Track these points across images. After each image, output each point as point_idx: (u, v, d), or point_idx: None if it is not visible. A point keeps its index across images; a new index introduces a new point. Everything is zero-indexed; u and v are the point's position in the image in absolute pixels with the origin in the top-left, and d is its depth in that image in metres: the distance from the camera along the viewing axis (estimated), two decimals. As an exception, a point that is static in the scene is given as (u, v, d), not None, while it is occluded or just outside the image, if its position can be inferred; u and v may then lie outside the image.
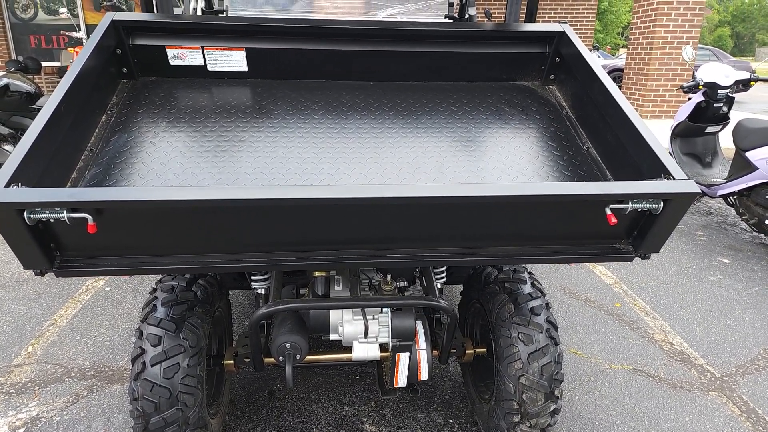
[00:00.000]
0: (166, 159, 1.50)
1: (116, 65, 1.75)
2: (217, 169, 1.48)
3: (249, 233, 1.30)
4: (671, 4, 8.07)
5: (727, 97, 4.08)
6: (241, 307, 2.95)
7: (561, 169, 1.59)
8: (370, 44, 1.86)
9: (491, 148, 1.64)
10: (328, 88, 1.88)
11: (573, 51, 1.78)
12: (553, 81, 1.94)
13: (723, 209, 4.90)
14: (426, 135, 1.68)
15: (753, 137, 3.69)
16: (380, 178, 1.51)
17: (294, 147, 1.59)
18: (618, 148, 1.54)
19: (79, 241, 1.24)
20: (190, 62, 1.83)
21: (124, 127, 1.59)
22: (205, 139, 1.58)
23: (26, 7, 10.22)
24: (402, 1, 3.38)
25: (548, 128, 1.74)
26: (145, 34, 1.76)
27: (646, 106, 8.57)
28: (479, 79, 1.97)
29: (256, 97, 1.79)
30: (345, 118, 1.73)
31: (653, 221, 1.31)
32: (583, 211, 1.32)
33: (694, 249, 3.92)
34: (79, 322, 2.78)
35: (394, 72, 1.92)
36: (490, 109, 1.81)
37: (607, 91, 1.58)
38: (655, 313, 2.97)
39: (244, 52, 1.83)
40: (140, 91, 1.76)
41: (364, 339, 1.69)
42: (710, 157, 4.38)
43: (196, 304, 1.72)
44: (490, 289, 1.87)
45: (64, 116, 1.38)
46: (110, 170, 1.44)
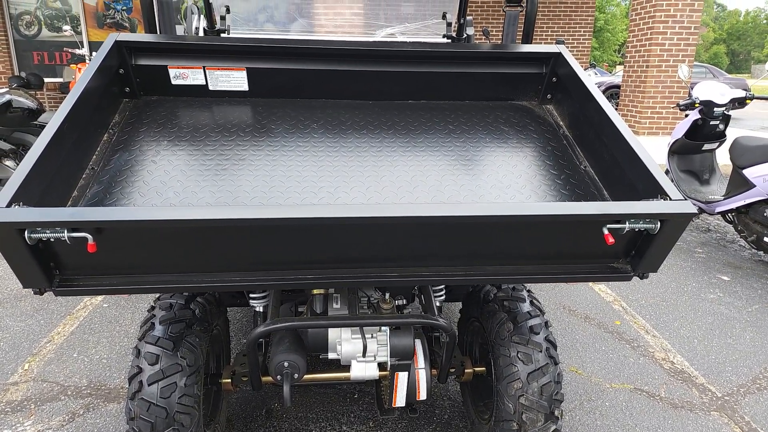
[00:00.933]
0: (166, 177, 1.51)
1: (119, 85, 1.77)
2: (217, 188, 1.49)
3: (248, 252, 1.31)
4: (666, 23, 8.18)
5: (724, 114, 4.12)
6: (239, 324, 2.94)
7: (558, 188, 1.60)
8: (369, 65, 1.88)
9: (489, 167, 1.65)
10: (328, 107, 1.89)
11: (569, 71, 1.81)
12: (550, 101, 1.96)
13: (722, 226, 4.91)
14: (424, 154, 1.69)
15: (750, 155, 3.72)
16: (379, 196, 1.52)
17: (294, 165, 1.60)
18: (615, 167, 1.55)
19: (79, 260, 1.25)
20: (191, 81, 1.85)
21: (126, 145, 1.61)
22: (205, 158, 1.59)
23: (30, 24, 10.34)
24: (401, 21, 3.43)
25: (545, 147, 1.76)
26: (147, 54, 1.78)
27: (643, 123, 8.63)
28: (477, 99, 1.99)
29: (257, 115, 1.81)
30: (344, 137, 1.74)
31: (651, 241, 1.32)
32: (581, 230, 1.33)
33: (694, 266, 3.92)
34: (77, 339, 2.77)
35: (393, 91, 1.94)
36: (487, 128, 1.83)
37: (603, 111, 1.60)
38: (655, 331, 2.96)
39: (245, 72, 1.85)
40: (142, 110, 1.78)
41: (362, 358, 1.69)
42: (708, 174, 4.40)
43: (195, 322, 1.72)
44: (489, 308, 1.87)
45: (66, 135, 1.40)
46: (111, 189, 1.45)
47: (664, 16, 8.16)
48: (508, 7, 2.12)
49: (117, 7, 10.39)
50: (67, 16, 10.32)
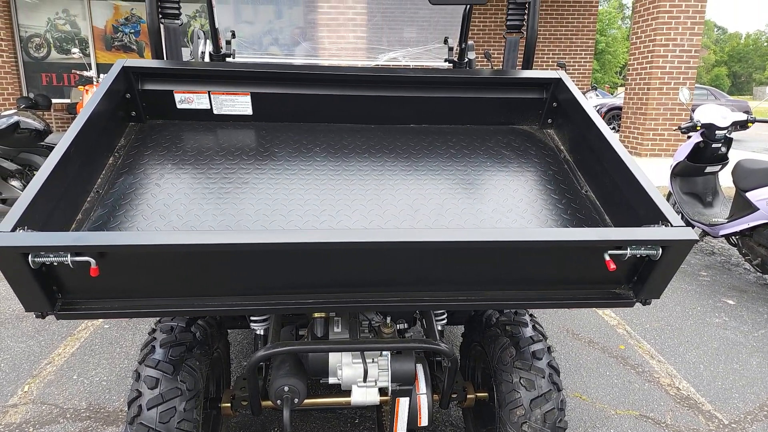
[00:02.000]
0: (170, 201, 1.52)
1: (125, 109, 1.80)
2: (220, 211, 1.50)
3: (249, 276, 1.31)
4: (667, 46, 8.27)
5: (725, 137, 4.13)
6: (239, 346, 2.93)
7: (560, 213, 1.60)
8: (371, 89, 1.91)
9: (490, 191, 1.66)
10: (331, 130, 1.91)
11: (569, 97, 1.82)
12: (550, 125, 1.97)
13: (726, 249, 4.89)
14: (426, 177, 1.70)
15: (753, 177, 3.72)
16: (381, 220, 1.53)
17: (296, 189, 1.61)
18: (616, 193, 1.56)
19: (82, 283, 1.25)
20: (196, 106, 1.87)
21: (131, 169, 1.62)
22: (209, 181, 1.60)
23: (39, 47, 10.53)
24: (403, 46, 3.48)
25: (546, 172, 1.76)
26: (154, 79, 1.81)
27: (646, 145, 8.66)
28: (478, 123, 2.00)
29: (260, 139, 1.83)
30: (347, 161, 1.76)
31: (653, 267, 1.31)
32: (583, 256, 1.33)
33: (698, 290, 3.89)
34: (77, 360, 2.76)
35: (395, 116, 1.96)
36: (489, 153, 1.84)
37: (603, 136, 1.61)
38: (660, 356, 2.92)
39: (250, 97, 1.87)
40: (147, 134, 1.80)
41: (363, 383, 1.67)
42: (711, 196, 4.39)
43: (195, 345, 1.71)
44: (491, 332, 1.86)
45: (73, 159, 1.41)
46: (115, 212, 1.46)
47: (664, 40, 8.26)
48: (509, 34, 2.16)
49: (125, 31, 10.58)
50: (76, 38, 10.51)
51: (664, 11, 8.17)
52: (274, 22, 3.70)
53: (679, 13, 8.17)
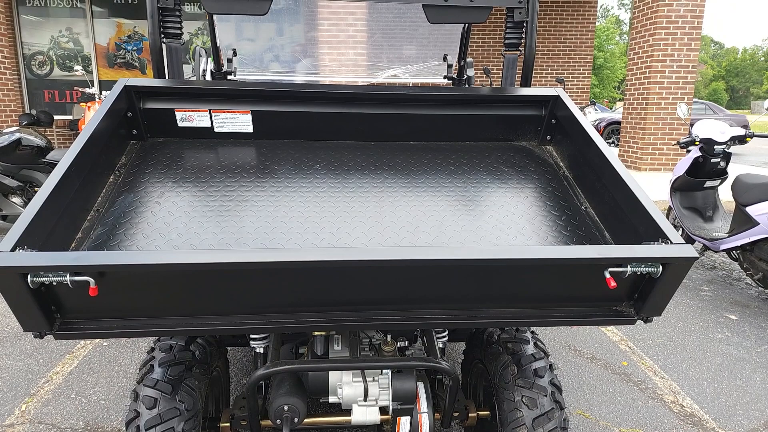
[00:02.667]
0: (170, 219, 1.52)
1: (126, 127, 1.81)
2: (220, 229, 1.50)
3: (249, 295, 1.30)
4: (664, 62, 8.34)
5: (724, 152, 4.14)
6: (239, 364, 2.90)
7: (560, 229, 1.60)
8: (371, 107, 1.92)
9: (490, 208, 1.66)
10: (331, 148, 1.92)
11: (567, 114, 1.83)
12: (549, 141, 1.98)
13: (727, 263, 4.88)
14: (426, 194, 1.70)
15: (752, 192, 3.72)
16: (380, 237, 1.53)
17: (296, 206, 1.62)
18: (615, 209, 1.56)
19: (80, 303, 1.24)
20: (197, 124, 1.88)
21: (131, 187, 1.63)
22: (209, 199, 1.61)
23: (43, 64, 10.63)
24: (403, 63, 3.51)
25: (546, 188, 1.77)
26: (155, 98, 1.83)
27: (645, 159, 8.69)
28: (477, 140, 2.01)
29: (261, 157, 1.84)
30: (346, 178, 1.76)
31: (653, 285, 1.31)
32: (583, 274, 1.33)
33: (700, 305, 3.87)
34: (75, 379, 2.74)
35: (395, 133, 1.97)
36: (488, 169, 1.85)
37: (602, 153, 1.61)
38: (663, 372, 2.90)
39: (250, 115, 1.89)
40: (148, 152, 1.81)
41: (363, 402, 1.66)
42: (711, 211, 4.40)
43: (194, 364, 1.70)
44: (493, 350, 1.85)
45: (73, 178, 1.42)
46: (115, 230, 1.46)
47: (662, 56, 8.33)
48: (507, 52, 2.18)
49: (128, 48, 10.70)
50: (78, 56, 10.61)
51: (661, 27, 8.25)
52: (275, 39, 3.73)
53: (675, 29, 8.26)
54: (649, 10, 8.45)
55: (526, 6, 2.05)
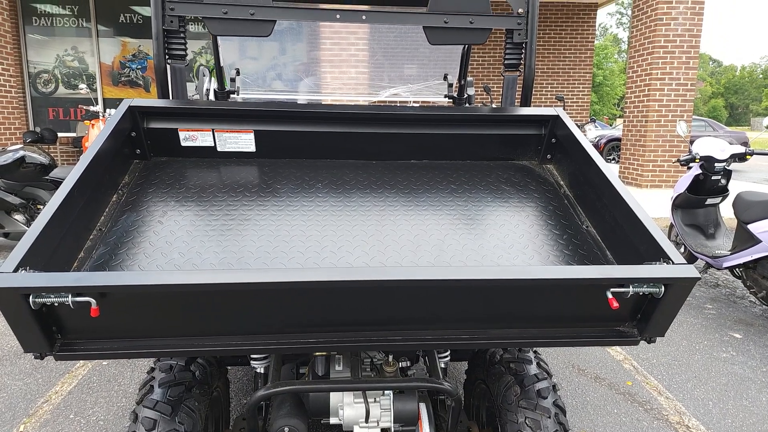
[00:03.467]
0: (172, 238, 1.52)
1: (130, 147, 1.82)
2: (222, 248, 1.50)
3: (250, 315, 1.30)
4: (663, 80, 8.41)
5: (725, 170, 4.15)
6: (239, 383, 2.88)
7: (561, 249, 1.60)
8: (372, 126, 1.94)
9: (491, 227, 1.66)
10: (333, 166, 1.93)
11: (567, 133, 1.85)
12: (550, 160, 1.99)
13: (730, 281, 4.85)
14: (427, 213, 1.71)
15: (754, 210, 3.72)
16: (382, 256, 1.53)
17: (298, 225, 1.62)
18: (617, 229, 1.56)
19: (81, 324, 1.24)
20: (200, 143, 1.90)
21: (134, 206, 1.63)
22: (211, 218, 1.61)
23: (47, 82, 10.76)
24: (404, 82, 3.55)
25: (547, 207, 1.77)
26: (159, 118, 1.84)
27: (646, 176, 8.71)
28: (478, 158, 2.02)
29: (263, 176, 1.85)
30: (348, 196, 1.77)
31: (656, 305, 1.30)
32: (585, 294, 1.32)
33: (704, 323, 3.84)
34: (74, 398, 2.71)
35: (396, 152, 1.98)
36: (489, 188, 1.85)
37: (602, 173, 1.62)
38: (668, 392, 2.87)
39: (253, 134, 1.90)
40: (151, 171, 1.82)
41: (365, 423, 1.64)
42: (713, 228, 4.39)
43: (194, 384, 1.69)
44: (495, 370, 1.83)
45: (77, 198, 1.42)
46: (117, 250, 1.46)
47: (660, 74, 8.41)
48: (507, 72, 2.20)
49: (132, 67, 10.82)
50: (83, 74, 10.74)
51: (659, 46, 8.34)
52: (277, 57, 3.78)
53: (674, 48, 8.34)
54: (647, 29, 8.55)
55: (525, 27, 2.07)
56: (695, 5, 8.26)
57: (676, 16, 8.25)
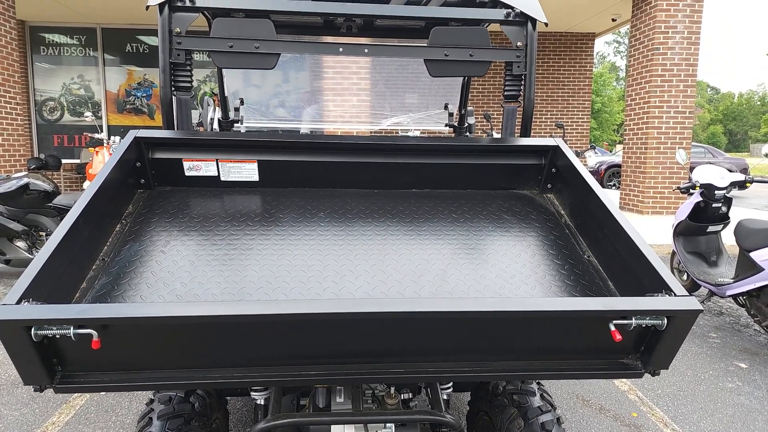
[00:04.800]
0: (174, 268, 1.53)
1: (134, 177, 1.84)
2: (224, 278, 1.50)
3: (251, 347, 1.30)
4: (661, 108, 8.51)
5: (725, 197, 4.17)
6: (239, 414, 2.84)
7: (563, 279, 1.60)
8: (375, 156, 1.96)
9: (493, 257, 1.66)
10: (335, 196, 1.95)
11: (567, 163, 1.87)
12: (550, 190, 2.01)
13: (734, 309, 4.81)
14: (428, 242, 1.71)
15: (755, 237, 3.72)
16: (384, 286, 1.52)
17: (300, 254, 1.62)
18: (618, 259, 1.56)
19: (82, 356, 1.24)
20: (204, 173, 1.92)
21: (137, 236, 1.64)
22: (213, 248, 1.62)
23: (53, 110, 10.91)
24: (405, 111, 3.60)
25: (548, 236, 1.78)
26: (164, 148, 1.87)
27: (647, 203, 8.73)
28: (479, 188, 2.04)
29: (266, 205, 1.86)
30: (350, 225, 1.78)
31: (659, 337, 1.30)
32: (588, 326, 1.32)
33: (709, 352, 3.80)
34: (72, 430, 2.67)
35: (398, 181, 2.00)
36: (490, 217, 1.86)
37: (602, 203, 1.63)
38: (674, 423, 2.82)
39: (257, 164, 1.92)
40: (155, 201, 1.84)
41: (366, 457, 1.61)
42: (715, 255, 4.38)
43: (194, 416, 1.67)
44: (498, 402, 1.81)
45: (82, 229, 1.43)
46: (119, 280, 1.46)
47: (658, 102, 8.51)
48: (507, 103, 2.23)
49: (137, 95, 10.99)
50: (89, 102, 10.90)
51: (657, 75, 8.46)
52: (281, 86, 3.84)
53: (671, 76, 8.46)
54: (644, 58, 8.69)
55: (524, 60, 2.11)
56: (691, 35, 8.42)
57: (673, 45, 8.40)
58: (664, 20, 8.34)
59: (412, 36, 2.74)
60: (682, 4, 8.32)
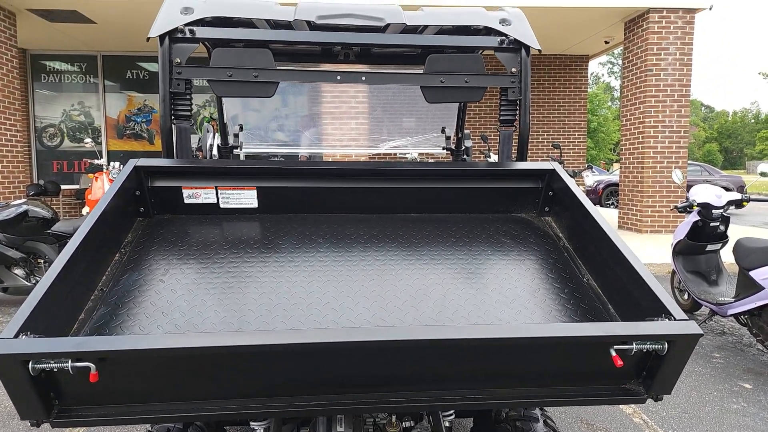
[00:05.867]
0: (173, 297, 1.52)
1: (134, 205, 1.85)
2: (223, 307, 1.50)
3: (250, 377, 1.28)
4: (656, 128, 8.59)
5: (722, 216, 4.18)
6: (238, 442, 2.79)
7: (563, 303, 1.59)
8: (373, 181, 1.97)
9: (493, 281, 1.66)
10: (334, 221, 1.95)
11: (563, 186, 1.88)
12: (548, 213, 2.02)
13: (737, 328, 4.79)
14: (428, 267, 1.71)
15: (754, 256, 3.72)
16: (384, 312, 1.52)
17: (299, 281, 1.62)
18: (617, 282, 1.56)
19: (80, 390, 1.23)
20: (203, 200, 1.93)
21: (135, 265, 1.64)
22: (212, 276, 1.62)
23: (53, 136, 10.98)
24: (403, 135, 3.63)
25: (547, 260, 1.78)
26: (163, 176, 1.88)
27: (645, 222, 8.75)
28: (477, 211, 2.05)
29: (265, 231, 1.86)
30: (349, 251, 1.78)
31: (660, 362, 1.29)
32: (589, 351, 1.31)
33: (713, 373, 3.77)
34: (67, 461, 2.62)
35: (396, 205, 2.01)
36: (489, 241, 1.87)
37: (600, 227, 1.64)
38: (679, 447, 2.78)
39: (255, 191, 1.93)
40: (154, 229, 1.84)
41: (368, 487, 1.59)
42: (715, 274, 4.37)
43: (192, 448, 1.64)
44: (502, 428, 1.79)
45: (81, 260, 1.43)
46: (117, 310, 1.46)
47: (653, 122, 8.60)
48: (503, 127, 2.26)
49: (137, 120, 11.09)
50: (89, 128, 10.98)
51: (651, 96, 8.57)
52: (279, 110, 3.89)
53: (665, 97, 8.57)
54: (638, 79, 8.81)
55: (519, 86, 2.15)
56: (683, 57, 8.55)
57: (665, 66, 8.52)
58: (656, 42, 8.48)
59: (409, 62, 2.78)
60: (674, 27, 8.47)
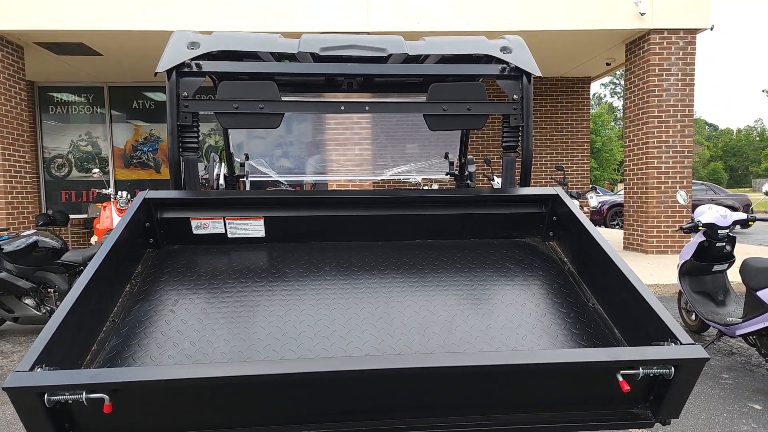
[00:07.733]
0: (183, 327, 1.55)
1: (144, 237, 1.89)
2: (232, 336, 1.52)
3: (260, 405, 1.30)
4: (660, 148, 8.63)
5: (728, 236, 4.17)
6: (246, 472, 2.77)
7: (569, 327, 1.60)
8: (378, 209, 2.01)
9: (498, 306, 1.68)
10: (340, 249, 1.98)
11: (567, 211, 1.90)
12: (552, 237, 2.04)
13: (745, 348, 4.73)
14: (433, 293, 1.73)
15: (762, 276, 3.70)
16: (390, 339, 1.54)
17: (307, 309, 1.64)
18: (623, 306, 1.57)
19: (94, 420, 1.24)
20: (211, 231, 1.97)
21: (146, 296, 1.67)
22: (222, 305, 1.64)
23: (61, 166, 11.15)
24: (406, 161, 3.68)
25: (552, 284, 1.79)
26: (172, 208, 1.92)
27: (651, 242, 8.72)
28: (482, 237, 2.07)
29: (272, 260, 1.89)
30: (355, 278, 1.80)
31: (668, 386, 1.30)
32: (596, 376, 1.32)
33: (722, 394, 3.72)
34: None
35: (401, 232, 2.04)
36: (494, 266, 1.89)
37: (604, 252, 1.66)
38: (692, 472, 2.73)
39: (263, 220, 1.97)
40: (164, 260, 1.87)
41: None
42: (722, 295, 4.35)
43: (202, 478, 1.64)
44: (510, 455, 1.78)
45: (92, 292, 1.47)
46: (129, 341, 1.48)
47: (657, 142, 8.64)
48: (506, 153, 2.30)
49: (144, 149, 11.25)
50: (96, 158, 11.14)
51: (654, 116, 8.64)
52: (284, 137, 3.95)
53: (668, 117, 8.63)
54: (640, 100, 8.89)
55: (521, 112, 2.19)
56: (685, 77, 8.64)
57: (668, 87, 8.61)
58: (657, 63, 8.58)
59: (412, 90, 2.84)
60: (675, 48, 8.58)
